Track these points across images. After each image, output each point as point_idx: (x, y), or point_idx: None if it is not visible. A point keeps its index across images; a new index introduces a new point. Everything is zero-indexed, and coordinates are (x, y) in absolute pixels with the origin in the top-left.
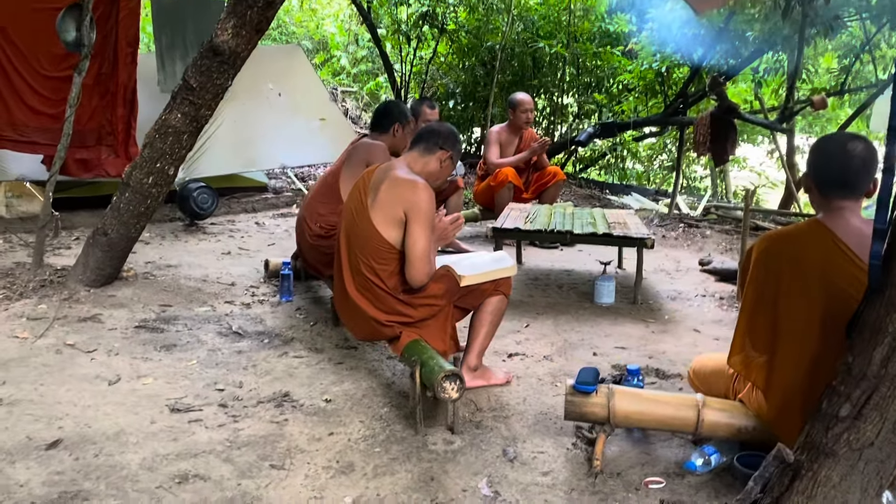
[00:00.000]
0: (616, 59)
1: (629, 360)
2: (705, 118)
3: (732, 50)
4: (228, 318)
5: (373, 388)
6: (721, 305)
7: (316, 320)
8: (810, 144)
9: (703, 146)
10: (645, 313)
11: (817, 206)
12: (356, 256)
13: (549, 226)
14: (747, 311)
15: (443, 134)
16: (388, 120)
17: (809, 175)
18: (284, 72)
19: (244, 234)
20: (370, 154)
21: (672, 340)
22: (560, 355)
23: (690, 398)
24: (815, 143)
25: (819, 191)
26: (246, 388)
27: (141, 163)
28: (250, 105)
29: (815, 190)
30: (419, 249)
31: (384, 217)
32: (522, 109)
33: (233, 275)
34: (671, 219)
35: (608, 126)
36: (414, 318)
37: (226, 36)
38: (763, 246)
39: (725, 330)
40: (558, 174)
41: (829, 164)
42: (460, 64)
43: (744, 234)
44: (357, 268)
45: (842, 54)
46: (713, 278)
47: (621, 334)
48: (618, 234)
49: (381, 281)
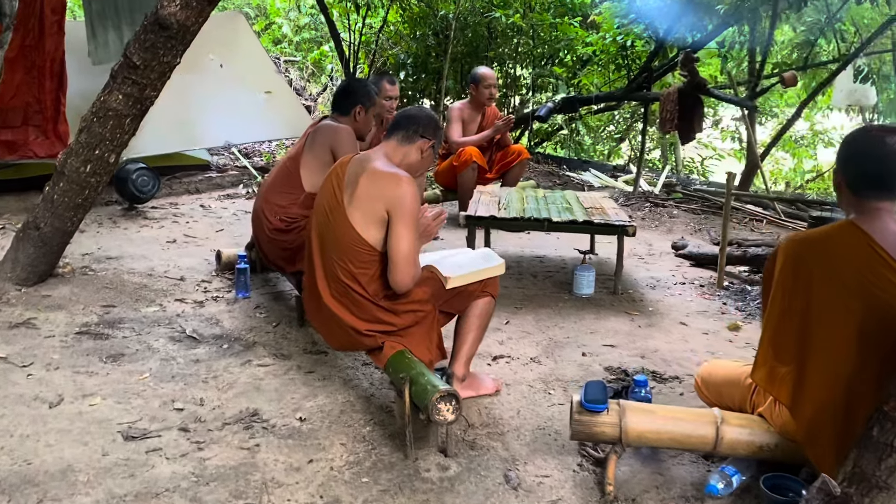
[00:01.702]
0: (573, 31)
1: (620, 359)
2: (672, 94)
3: (698, 23)
4: (181, 319)
5: (350, 401)
6: (703, 294)
7: (278, 320)
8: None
9: (671, 123)
10: (627, 305)
11: (849, 207)
12: (331, 259)
13: (525, 212)
14: (774, 320)
15: (422, 121)
16: (350, 101)
17: (840, 172)
18: (226, 41)
19: (189, 219)
20: (334, 139)
21: (661, 336)
22: (547, 356)
23: (708, 413)
24: (847, 137)
25: (852, 190)
26: (208, 406)
27: (77, 149)
28: (190, 78)
29: (846, 189)
30: (404, 251)
31: (364, 215)
32: (485, 85)
33: (181, 267)
34: (636, 198)
35: (570, 101)
36: (397, 326)
37: (173, 7)
38: (791, 250)
39: (712, 322)
40: (523, 153)
41: (865, 161)
42: (412, 33)
43: (725, 219)
44: (333, 272)
45: (805, 29)
46: (688, 263)
47: (607, 330)
48: (598, 222)
49: (360, 286)
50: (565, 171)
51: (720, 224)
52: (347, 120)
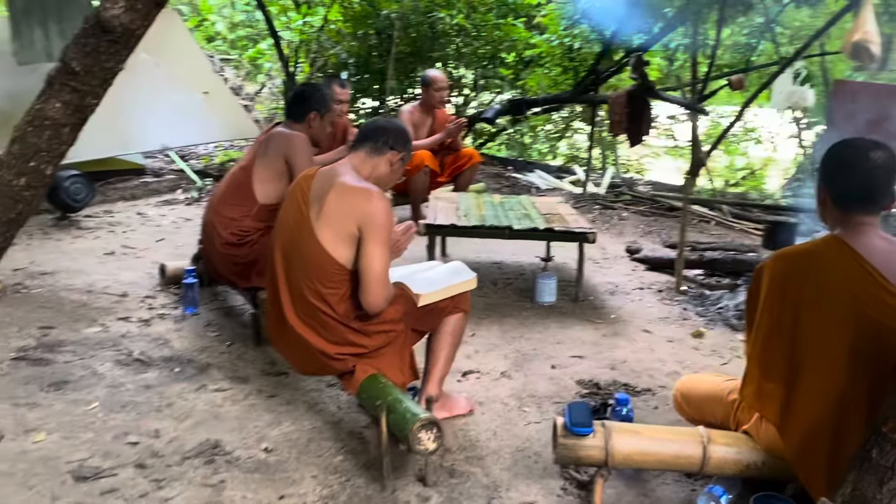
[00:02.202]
0: (517, 31)
1: (590, 372)
2: (621, 97)
3: (644, 25)
4: (126, 340)
5: (318, 428)
6: (662, 299)
7: (232, 339)
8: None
9: (620, 126)
10: (589, 313)
11: (833, 222)
12: (298, 279)
13: (484, 220)
14: (761, 339)
15: (392, 132)
16: (305, 107)
17: (825, 187)
18: (160, 40)
19: (126, 228)
20: (288, 147)
21: (627, 345)
22: (517, 370)
23: (694, 432)
24: (830, 151)
25: (838, 204)
26: (165, 438)
27: (9, 160)
28: (124, 78)
29: (831, 203)
30: (377, 271)
31: (333, 233)
32: (436, 88)
33: (122, 282)
34: (585, 200)
35: (517, 103)
36: (368, 348)
37: (117, 10)
38: (778, 268)
39: (675, 328)
40: (474, 156)
41: (850, 176)
42: (353, 33)
43: (683, 223)
44: (299, 293)
45: (748, 32)
46: (643, 267)
47: (573, 340)
48: (559, 230)
49: (329, 308)
50: (511, 173)
51: (670, 226)
52: (302, 127)
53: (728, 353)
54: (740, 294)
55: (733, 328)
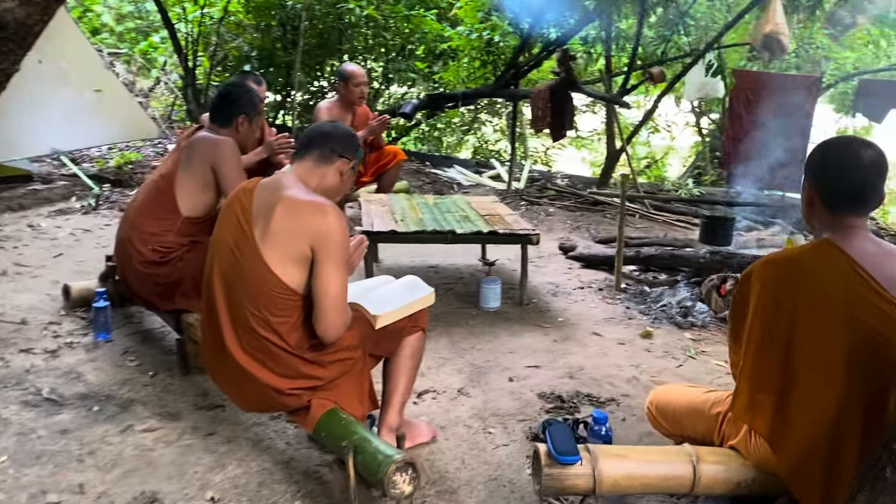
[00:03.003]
0: (428, 23)
1: (549, 383)
2: (544, 92)
3: (561, 18)
4: (32, 376)
5: (267, 469)
6: (604, 299)
7: (155, 368)
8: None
9: (543, 121)
10: (536, 317)
11: (821, 224)
12: (242, 308)
13: (424, 224)
14: (753, 351)
15: (339, 137)
16: (232, 109)
17: (814, 186)
18: (45, 34)
19: (18, 243)
20: (216, 154)
21: (579, 350)
22: (474, 385)
23: (681, 452)
24: (818, 150)
25: (828, 205)
26: (91, 495)
27: None
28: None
29: (820, 204)
30: (333, 295)
31: (282, 254)
32: (355, 83)
33: (20, 307)
34: (510, 196)
35: (435, 98)
36: (324, 380)
37: (9, 3)
38: (770, 274)
39: (622, 329)
40: (398, 154)
41: (841, 176)
42: (256, 24)
43: (620, 221)
44: (244, 323)
45: (661, 25)
46: (578, 265)
47: (525, 348)
48: (503, 232)
49: (279, 338)
50: (430, 169)
51: (597, 220)
52: (228, 131)
53: (680, 354)
54: (680, 291)
55: (679, 326)
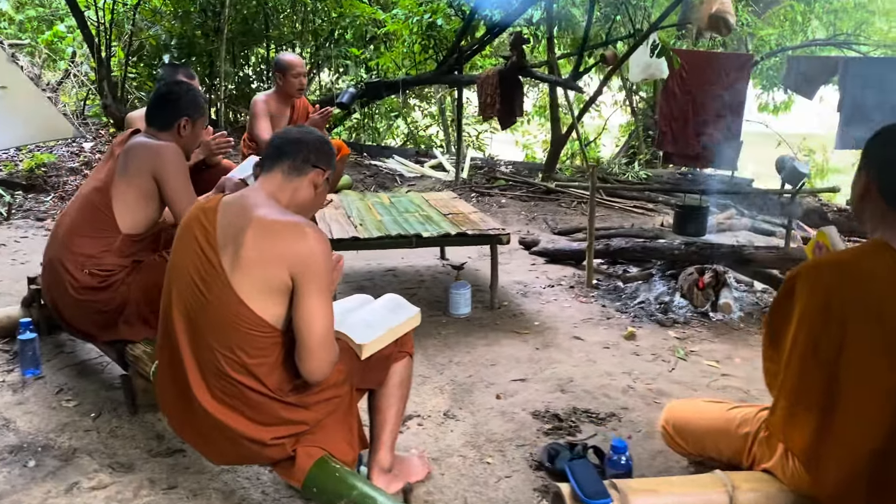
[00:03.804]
0: (360, 7)
1: (540, 398)
2: (492, 77)
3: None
4: None
5: None
6: (577, 297)
7: (98, 408)
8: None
9: (492, 108)
10: (510, 322)
11: (875, 219)
12: (210, 350)
13: (385, 228)
14: (796, 361)
15: (311, 145)
16: (172, 111)
17: (870, 176)
18: None
19: None
20: (158, 162)
21: (564, 358)
22: (460, 407)
23: (715, 480)
24: (880, 136)
25: (886, 199)
26: None
27: None
28: None
29: (878, 196)
30: (319, 330)
31: (258, 285)
32: (294, 74)
33: None
34: (459, 188)
35: (374, 86)
36: (309, 424)
37: None
38: (820, 280)
39: (603, 331)
40: (342, 148)
41: None
42: (174, 11)
43: (591, 214)
44: (214, 367)
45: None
46: (542, 259)
47: (507, 359)
48: (472, 234)
49: (257, 382)
50: (369, 160)
51: (552, 210)
52: (169, 136)
53: (669, 356)
54: (656, 285)
55: (661, 324)
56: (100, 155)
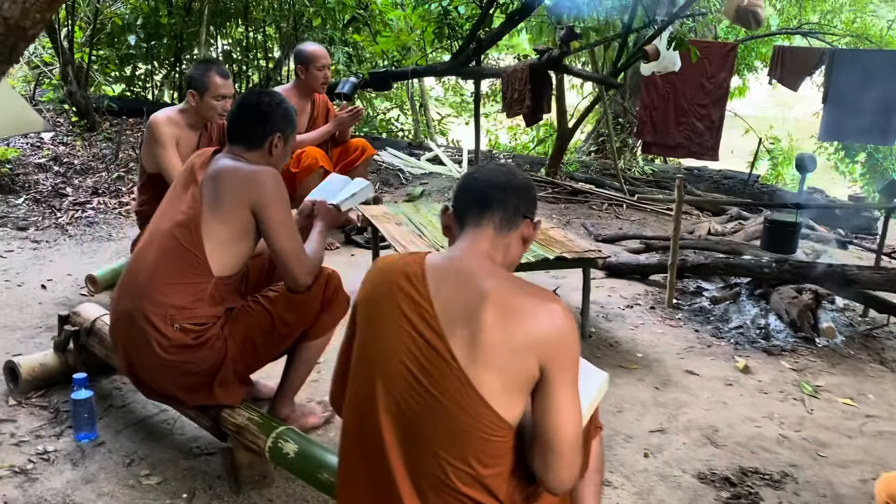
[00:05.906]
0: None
1: (693, 454)
2: (522, 72)
3: None
4: None
5: None
6: (664, 320)
7: (188, 486)
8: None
9: (521, 104)
10: (612, 355)
11: None
12: (437, 460)
13: None
14: None
15: (521, 191)
16: (264, 127)
17: None
18: None
19: None
20: (257, 190)
21: (691, 400)
22: (610, 470)
23: None
24: None
25: None
26: None
27: None
28: None
29: None
30: (573, 431)
31: (504, 380)
32: (318, 66)
33: None
34: None
35: (382, 77)
36: None
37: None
38: None
39: (712, 362)
40: (367, 149)
41: None
42: None
43: (675, 228)
44: (438, 480)
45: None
46: (601, 273)
47: (630, 402)
48: (571, 258)
49: (489, 496)
50: None
51: (585, 213)
52: (259, 156)
53: (798, 393)
54: (746, 306)
55: (768, 352)
56: (65, 148)
